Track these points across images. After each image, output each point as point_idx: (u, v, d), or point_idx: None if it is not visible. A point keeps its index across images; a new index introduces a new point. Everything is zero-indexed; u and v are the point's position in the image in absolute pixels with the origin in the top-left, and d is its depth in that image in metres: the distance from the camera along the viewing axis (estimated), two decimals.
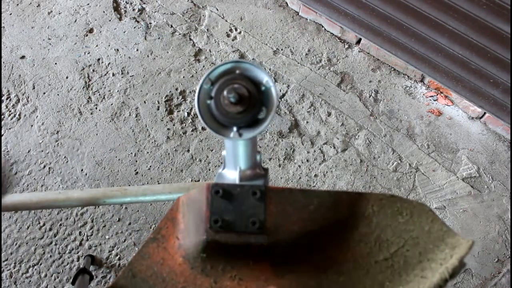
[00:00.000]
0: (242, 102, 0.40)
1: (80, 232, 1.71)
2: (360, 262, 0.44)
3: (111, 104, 1.97)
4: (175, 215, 0.48)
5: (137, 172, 1.83)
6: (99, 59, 2.09)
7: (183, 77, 2.05)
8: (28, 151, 1.85)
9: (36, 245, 1.69)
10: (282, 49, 2.14)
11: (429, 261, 0.42)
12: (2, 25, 2.17)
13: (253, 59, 2.10)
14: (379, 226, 0.45)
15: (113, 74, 2.05)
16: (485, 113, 1.94)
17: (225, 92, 0.39)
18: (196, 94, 0.41)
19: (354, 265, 0.44)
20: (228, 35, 2.18)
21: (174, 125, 1.93)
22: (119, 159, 1.85)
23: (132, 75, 2.05)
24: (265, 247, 0.43)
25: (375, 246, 0.45)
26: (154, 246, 0.47)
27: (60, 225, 1.72)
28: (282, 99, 2.00)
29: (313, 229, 0.45)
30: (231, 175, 0.49)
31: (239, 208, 0.44)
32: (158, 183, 1.83)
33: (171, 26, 2.19)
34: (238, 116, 0.41)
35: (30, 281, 1.63)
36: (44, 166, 1.83)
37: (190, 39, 2.16)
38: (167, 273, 0.46)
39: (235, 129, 0.42)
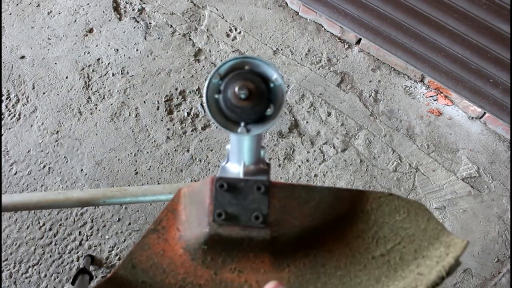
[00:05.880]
0: (251, 98, 0.40)
1: (80, 232, 1.71)
2: (357, 257, 0.46)
3: (111, 104, 1.97)
4: (176, 207, 0.48)
5: (137, 172, 1.83)
6: (99, 59, 2.09)
7: (183, 77, 2.05)
8: (28, 151, 1.85)
9: (36, 245, 1.69)
10: (282, 49, 2.14)
11: (424, 258, 0.44)
12: (2, 25, 2.17)
13: None
14: (376, 223, 0.46)
15: (113, 74, 2.05)
16: (485, 113, 1.94)
17: (235, 88, 0.39)
18: (205, 88, 0.41)
19: (352, 260, 0.46)
20: (228, 35, 2.18)
21: (174, 125, 1.93)
22: (119, 159, 1.85)
23: (132, 75, 2.05)
24: (266, 240, 0.44)
25: (372, 242, 0.46)
26: (155, 237, 0.47)
27: (60, 225, 1.72)
28: None
29: (313, 224, 0.46)
30: (234, 169, 0.49)
31: (243, 202, 0.44)
32: (158, 183, 1.83)
33: (171, 26, 2.19)
34: (246, 111, 0.41)
35: (30, 281, 1.63)
36: (44, 166, 1.83)
37: (190, 39, 2.16)
38: (167, 264, 0.46)
39: (242, 124, 0.42)
